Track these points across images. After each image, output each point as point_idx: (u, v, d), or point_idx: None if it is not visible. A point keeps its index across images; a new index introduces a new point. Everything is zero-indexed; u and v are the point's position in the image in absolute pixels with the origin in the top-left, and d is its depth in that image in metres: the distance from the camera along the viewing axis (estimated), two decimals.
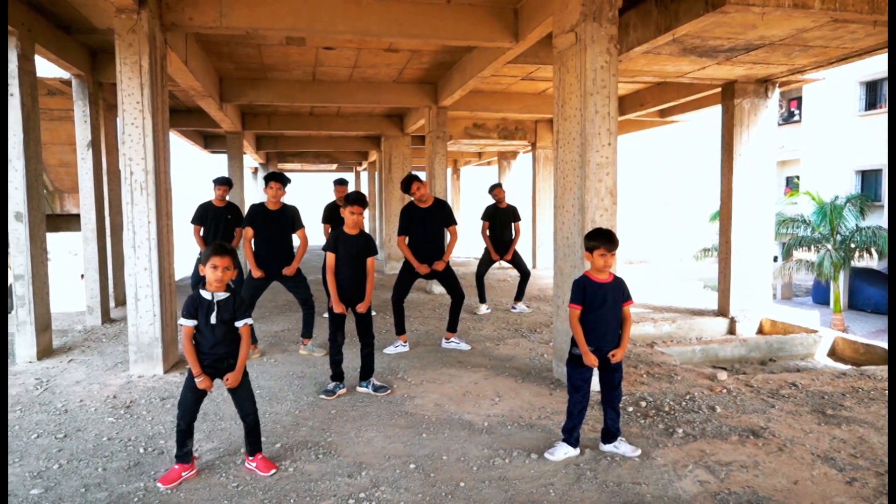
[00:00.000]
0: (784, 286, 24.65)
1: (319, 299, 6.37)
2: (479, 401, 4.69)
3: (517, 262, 8.33)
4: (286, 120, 12.65)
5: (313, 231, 6.28)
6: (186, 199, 9.68)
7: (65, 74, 7.39)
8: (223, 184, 6.71)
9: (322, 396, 4.75)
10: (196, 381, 3.37)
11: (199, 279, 4.87)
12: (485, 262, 8.31)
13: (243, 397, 3.51)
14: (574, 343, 3.67)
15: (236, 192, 11.33)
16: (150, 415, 4.39)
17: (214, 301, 3.37)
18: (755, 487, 3.34)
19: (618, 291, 3.65)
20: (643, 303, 9.02)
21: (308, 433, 4.07)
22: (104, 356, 5.98)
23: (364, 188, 22.95)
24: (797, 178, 25.01)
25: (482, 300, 8.30)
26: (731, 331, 8.03)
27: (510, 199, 8.55)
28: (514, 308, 8.41)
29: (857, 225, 19.16)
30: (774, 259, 18.83)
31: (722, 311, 8.18)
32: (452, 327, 6.32)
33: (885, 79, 20.46)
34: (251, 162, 19.79)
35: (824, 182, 22.09)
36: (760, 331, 8.12)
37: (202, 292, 3.40)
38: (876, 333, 18.17)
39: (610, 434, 3.75)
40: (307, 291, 5.96)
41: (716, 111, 9.15)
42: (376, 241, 13.65)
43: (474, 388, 5.01)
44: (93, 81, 7.45)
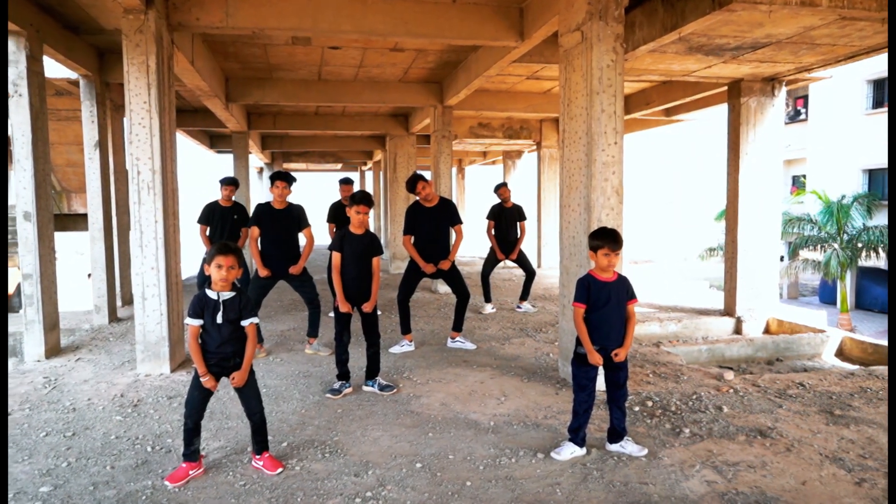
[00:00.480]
0: (790, 286, 24.55)
1: (325, 298, 6.38)
2: (484, 400, 4.69)
3: (522, 261, 8.32)
4: (292, 119, 12.67)
5: (319, 230, 6.29)
6: (193, 199, 9.71)
7: (72, 75, 7.43)
8: (230, 184, 6.74)
9: (328, 395, 4.76)
10: (201, 380, 3.38)
11: (205, 278, 4.90)
12: (490, 262, 8.30)
13: (250, 396, 3.52)
14: (579, 342, 3.67)
15: (241, 191, 11.36)
16: (157, 413, 4.41)
17: (220, 300, 3.38)
18: (763, 488, 3.32)
19: (622, 290, 3.65)
20: (649, 302, 9.00)
21: (314, 432, 4.08)
22: (111, 355, 6.01)
23: (369, 187, 22.98)
24: (804, 177, 24.90)
25: (487, 299, 8.30)
26: (737, 330, 8.00)
27: (515, 199, 8.54)
28: (519, 307, 8.40)
29: (864, 224, 19.06)
30: (781, 258, 18.74)
31: (728, 310, 8.15)
32: (458, 326, 6.32)
33: None
34: (256, 161, 19.86)
35: (831, 181, 21.98)
36: (767, 330, 8.08)
37: (208, 292, 3.41)
38: (883, 333, 18.07)
39: (616, 434, 3.75)
40: (313, 291, 5.98)
41: (722, 110, 9.12)
42: (381, 241, 13.69)
43: (480, 387, 5.01)
44: (100, 82, 7.49)
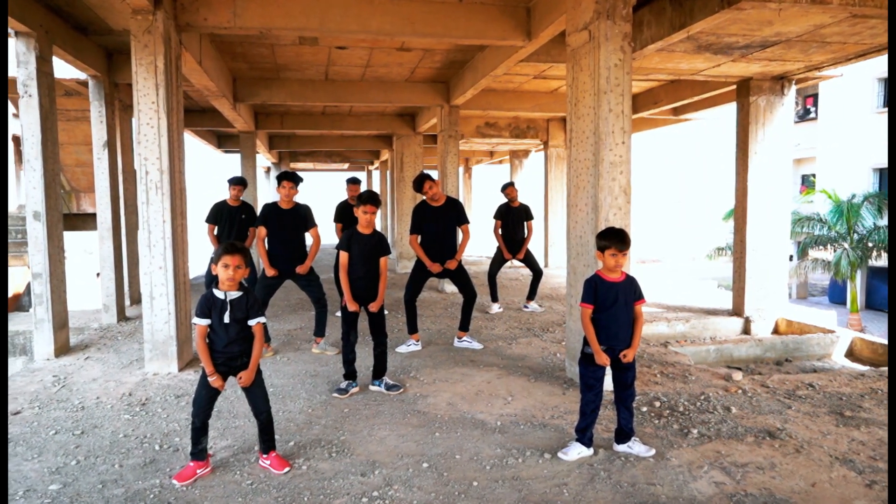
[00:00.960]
0: (800, 286, 24.38)
1: (332, 298, 6.39)
2: (491, 400, 4.69)
3: (529, 261, 8.30)
4: (299, 119, 12.70)
5: (325, 230, 6.30)
6: (200, 199, 9.76)
7: (82, 75, 7.47)
8: (238, 184, 6.76)
9: (335, 395, 4.76)
10: (209, 380, 3.39)
11: (212, 278, 4.91)
12: (497, 261, 8.29)
13: (257, 395, 3.53)
14: (586, 342, 3.66)
15: (249, 191, 11.39)
16: (165, 412, 4.43)
17: (227, 300, 3.39)
18: (772, 489, 3.30)
19: (629, 290, 3.63)
20: (657, 302, 8.96)
21: (321, 431, 4.08)
22: (120, 354, 6.04)
23: (376, 187, 23.01)
24: (813, 176, 24.73)
25: (494, 299, 8.29)
26: (745, 330, 7.96)
27: (522, 198, 8.52)
28: (526, 307, 8.39)
29: (874, 223, 18.90)
30: (790, 258, 18.63)
31: (737, 310, 8.11)
32: (465, 326, 6.32)
33: None
34: (264, 161, 19.92)
35: (841, 180, 21.82)
36: (776, 331, 8.03)
37: (215, 291, 3.42)
38: None
39: (623, 434, 3.73)
40: (320, 290, 5.99)
41: (731, 109, 9.08)
42: (388, 240, 13.68)
43: (487, 387, 5.00)
44: (109, 82, 7.53)
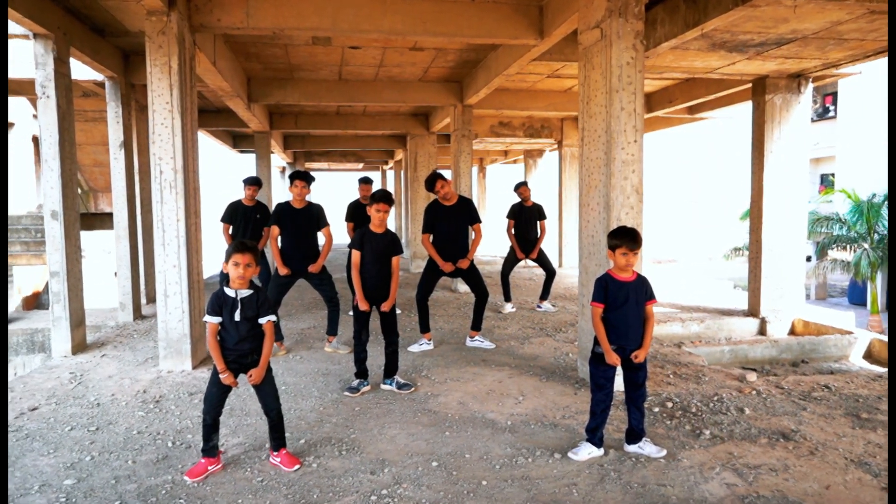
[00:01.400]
0: (818, 286, 24.03)
1: (345, 297, 6.41)
2: (502, 399, 4.68)
3: (542, 260, 8.27)
4: (313, 119, 12.77)
5: (338, 229, 6.33)
6: (215, 198, 9.85)
7: (98, 76, 7.57)
8: (253, 184, 6.82)
9: (346, 393, 4.78)
10: (220, 377, 3.42)
11: (226, 276, 4.96)
12: (510, 261, 8.27)
13: (267, 393, 3.56)
14: (596, 341, 3.64)
15: (264, 190, 11.49)
16: (178, 409, 4.48)
17: (238, 298, 3.42)
18: (785, 491, 3.26)
19: (640, 290, 3.61)
20: (671, 302, 8.89)
21: (332, 430, 4.10)
22: (135, 352, 6.12)
23: (390, 187, 23.06)
24: (832, 175, 24.38)
25: (507, 299, 8.27)
26: (761, 331, 7.87)
27: (537, 198, 8.50)
28: (539, 307, 8.36)
29: None
30: (808, 259, 18.37)
31: (752, 311, 8.01)
32: (477, 326, 6.31)
33: None
34: (279, 161, 20.05)
35: (861, 179, 21.45)
36: (792, 332, 7.93)
37: (226, 289, 3.45)
38: None
39: (634, 434, 3.71)
40: (332, 289, 6.02)
41: (746, 107, 8.97)
42: (402, 240, 13.76)
43: (498, 386, 4.99)
44: (125, 83, 7.63)
